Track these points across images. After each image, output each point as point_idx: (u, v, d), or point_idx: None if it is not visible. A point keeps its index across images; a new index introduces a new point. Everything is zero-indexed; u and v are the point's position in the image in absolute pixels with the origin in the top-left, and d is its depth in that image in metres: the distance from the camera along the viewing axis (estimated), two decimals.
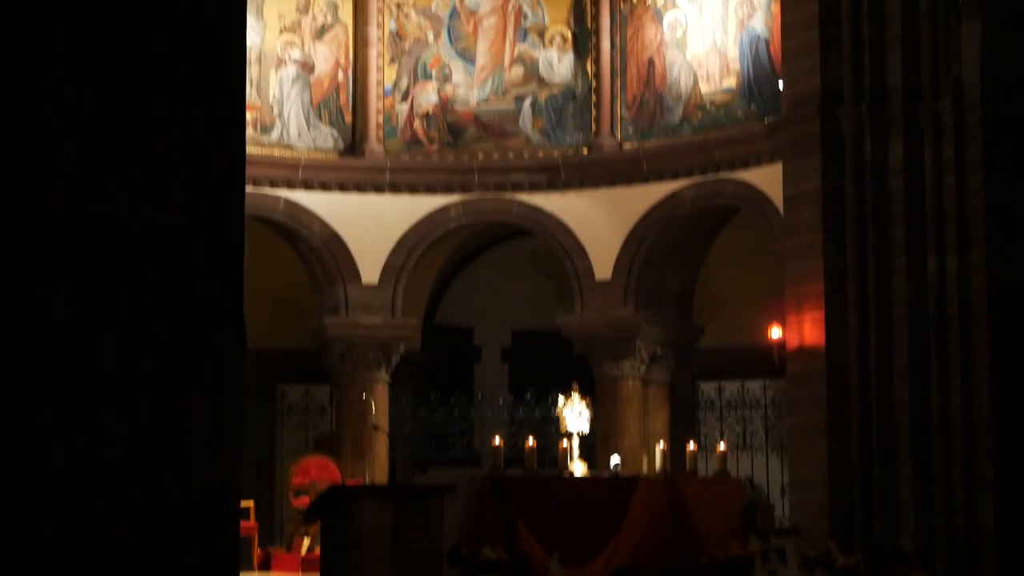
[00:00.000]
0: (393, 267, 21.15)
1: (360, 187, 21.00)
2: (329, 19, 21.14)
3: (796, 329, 17.10)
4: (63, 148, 3.87)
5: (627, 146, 20.80)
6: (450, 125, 21.29)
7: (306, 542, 18.85)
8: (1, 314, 3.80)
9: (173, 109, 4.08)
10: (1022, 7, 16.34)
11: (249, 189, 18.88)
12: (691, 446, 16.69)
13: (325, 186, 20.92)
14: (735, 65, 19.92)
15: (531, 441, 15.76)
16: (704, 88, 20.22)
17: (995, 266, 16.23)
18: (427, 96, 21.26)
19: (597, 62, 20.93)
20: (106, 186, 3.97)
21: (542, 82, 21.20)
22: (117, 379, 4.05)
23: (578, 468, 15.91)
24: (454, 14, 21.38)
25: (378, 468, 20.08)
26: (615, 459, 17.25)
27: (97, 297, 3.96)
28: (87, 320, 3.95)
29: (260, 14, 20.71)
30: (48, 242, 3.88)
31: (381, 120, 21.16)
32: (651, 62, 20.68)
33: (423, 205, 21.15)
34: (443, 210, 21.24)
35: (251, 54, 20.31)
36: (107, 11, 3.99)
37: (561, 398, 16.57)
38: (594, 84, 20.95)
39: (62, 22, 3.87)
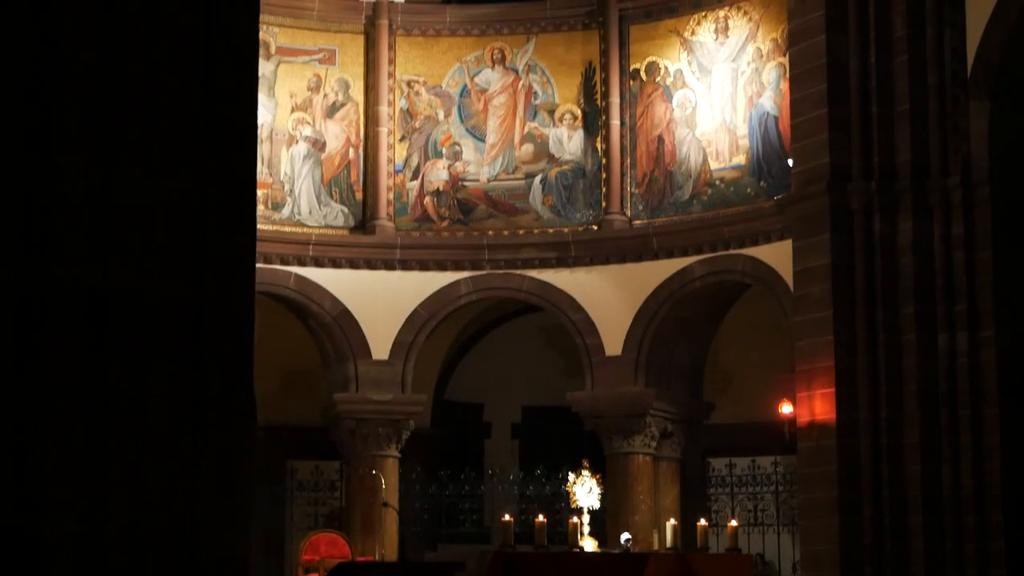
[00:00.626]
0: (403, 343, 21.15)
1: (370, 264, 21.04)
2: (340, 97, 21.27)
3: (807, 405, 17.08)
4: (74, 221, 3.91)
5: (637, 223, 20.84)
6: (460, 202, 21.36)
7: None
8: (11, 388, 3.82)
9: (184, 185, 4.12)
10: None
11: (260, 265, 18.95)
12: (702, 522, 16.64)
13: (335, 263, 20.97)
14: (744, 142, 19.99)
15: (541, 517, 15.72)
16: (714, 165, 20.29)
17: (1005, 342, 16.22)
18: (437, 173, 21.35)
19: (607, 139, 21.01)
20: (116, 260, 4.00)
21: (552, 159, 21.27)
22: (126, 452, 4.07)
23: (588, 544, 15.86)
24: (465, 92, 21.50)
25: (388, 544, 20.01)
26: (625, 536, 17.20)
27: (106, 370, 3.98)
28: (96, 393, 3.97)
29: (272, 92, 20.84)
30: (58, 315, 3.90)
31: (392, 197, 21.23)
32: (661, 139, 20.76)
33: (433, 281, 21.18)
34: (453, 286, 21.27)
35: (262, 131, 20.43)
36: (120, 88, 4.03)
37: (571, 474, 16.53)
38: (604, 161, 21.02)
39: (76, 98, 3.91)
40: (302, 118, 21.09)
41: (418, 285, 21.18)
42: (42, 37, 3.84)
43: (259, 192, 20.16)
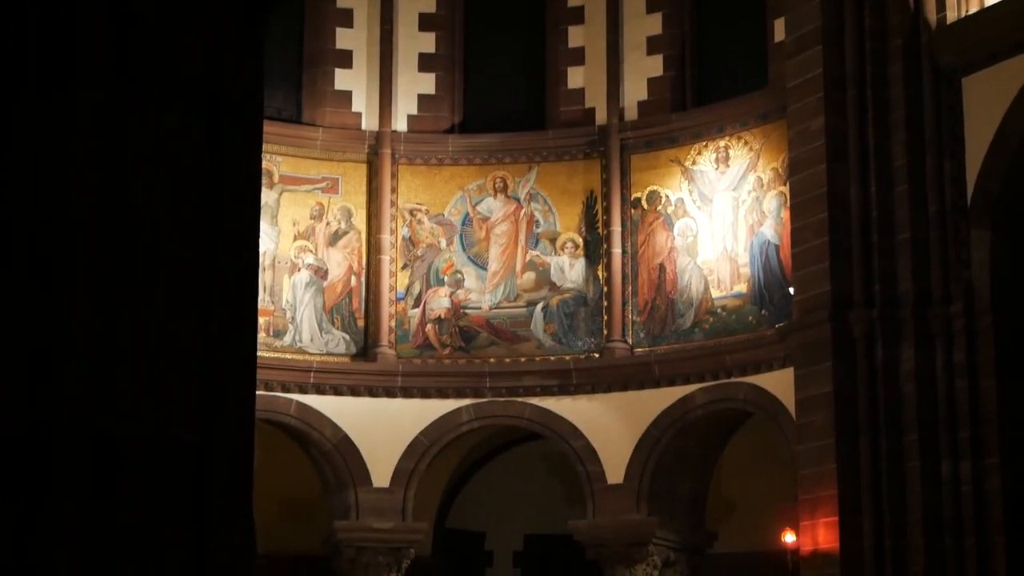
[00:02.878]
0: (404, 471, 21.06)
1: (372, 391, 21.01)
2: (343, 225, 21.36)
3: (810, 534, 16.97)
4: (78, 362, 3.90)
5: (639, 351, 20.83)
6: (462, 330, 21.37)
7: None
8: (17, 528, 3.80)
9: (188, 325, 4.12)
10: None
11: (261, 392, 18.92)
12: None
13: (337, 390, 20.94)
14: (746, 270, 20.04)
15: None
16: (715, 293, 20.32)
17: (1009, 470, 16.16)
18: (439, 301, 21.38)
19: (608, 267, 21.07)
20: (119, 400, 3.99)
21: (554, 287, 21.32)
22: None
23: None
24: (467, 220, 21.60)
25: None
26: None
27: (111, 511, 3.96)
28: (101, 533, 3.94)
29: (275, 220, 20.93)
30: (63, 456, 3.89)
31: (393, 325, 21.25)
32: (662, 267, 20.82)
33: (435, 409, 21.13)
34: (455, 414, 21.21)
35: (265, 259, 20.49)
36: (125, 226, 4.04)
37: None
38: (606, 289, 21.06)
39: (82, 237, 3.92)
40: (305, 246, 21.16)
41: (419, 412, 21.12)
42: (48, 180, 3.86)
43: (261, 319, 20.16)
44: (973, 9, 17.23)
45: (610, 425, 20.81)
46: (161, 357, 4.06)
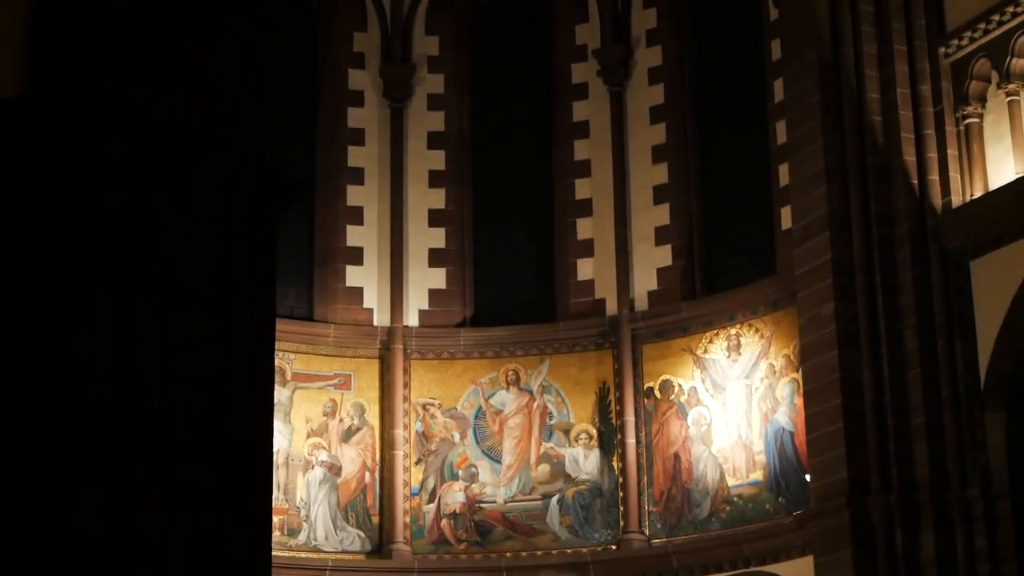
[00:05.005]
0: None
1: None
2: (356, 422, 21.33)
3: None
4: (95, 561, 3.88)
5: (656, 542, 20.65)
6: (477, 524, 21.22)
7: None
8: None
9: (201, 520, 4.10)
10: None
11: None
12: None
13: None
14: (761, 458, 19.95)
15: None
16: (731, 481, 20.21)
17: None
18: (454, 495, 21.26)
19: (623, 458, 20.98)
20: None
21: (569, 479, 21.21)
22: None
23: None
24: (480, 414, 21.57)
25: None
26: None
27: None
28: None
29: (287, 418, 20.90)
30: None
31: (408, 520, 21.10)
32: (677, 457, 20.72)
33: None
34: None
35: (278, 457, 20.42)
36: (139, 423, 4.05)
37: None
38: (621, 480, 20.95)
39: (96, 435, 3.92)
40: (318, 443, 21.12)
41: None
42: (60, 373, 3.87)
43: (275, 519, 20.04)
44: (978, 193, 17.38)
45: None
46: (176, 556, 4.04)
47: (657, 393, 21.04)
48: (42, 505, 3.93)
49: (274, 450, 18.97)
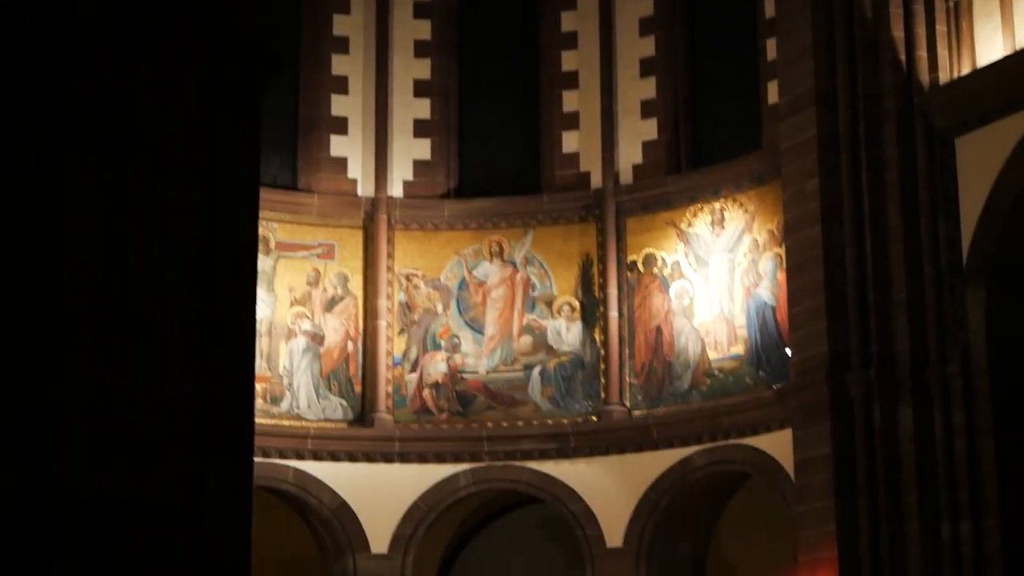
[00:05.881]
0: (403, 537, 20.99)
1: (369, 457, 20.97)
2: (339, 291, 21.38)
3: None
4: (76, 428, 3.91)
5: (636, 413, 20.81)
6: (459, 394, 21.36)
7: None
8: None
9: (185, 388, 4.13)
10: None
11: (258, 459, 18.87)
12: None
13: (334, 456, 20.89)
14: (743, 332, 20.06)
15: None
16: (712, 355, 20.33)
17: (1009, 531, 16.11)
18: (436, 366, 21.37)
19: (605, 331, 21.08)
20: (117, 465, 3.99)
21: (551, 351, 21.32)
22: None
23: None
24: (463, 285, 21.62)
25: None
26: None
27: (106, 570, 3.96)
28: None
29: (271, 287, 20.94)
30: (61, 519, 3.89)
31: (390, 390, 21.23)
32: (659, 330, 20.83)
33: (432, 474, 21.09)
34: (452, 479, 21.16)
35: (261, 326, 20.49)
36: (124, 290, 4.06)
37: None
38: (602, 352, 21.06)
39: (80, 308, 3.93)
40: (301, 312, 21.17)
41: (417, 478, 21.07)
42: (44, 247, 3.87)
43: (258, 386, 20.16)
44: (965, 70, 17.33)
45: (608, 488, 20.76)
46: (159, 423, 4.07)
47: (640, 266, 21.10)
48: (22, 378, 3.95)
49: (257, 319, 19.05)
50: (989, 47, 17.21)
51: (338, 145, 21.93)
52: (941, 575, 16.29)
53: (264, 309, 20.54)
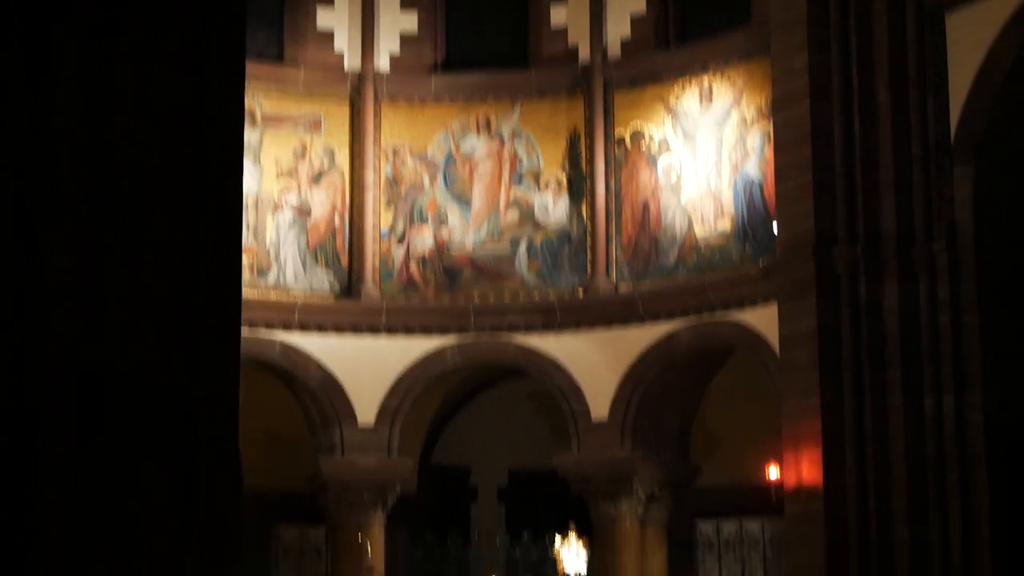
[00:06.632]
0: (389, 409, 21.14)
1: (356, 329, 21.05)
2: (326, 164, 21.34)
3: (794, 468, 17.07)
4: (63, 303, 3.92)
5: (622, 288, 20.88)
6: (446, 268, 21.40)
7: None
8: (4, 466, 3.82)
9: (171, 266, 4.14)
10: (1012, 151, 16.52)
11: (245, 332, 18.95)
12: None
13: (321, 328, 20.97)
14: (729, 208, 20.07)
15: None
16: (699, 231, 20.36)
17: (992, 405, 16.24)
18: (423, 239, 21.40)
19: (592, 205, 21.09)
20: (104, 341, 4.00)
21: (537, 225, 21.34)
22: (116, 527, 4.06)
23: None
24: (450, 159, 21.59)
25: None
26: None
27: (97, 450, 3.99)
28: (84, 468, 3.97)
29: (257, 160, 20.90)
30: (48, 396, 3.91)
31: (377, 263, 21.27)
32: (646, 205, 20.84)
33: (419, 347, 21.19)
34: (439, 352, 21.27)
35: (248, 199, 20.47)
36: (111, 161, 4.06)
37: (558, 538, 16.50)
38: (589, 227, 21.09)
39: (66, 183, 3.93)
40: (288, 185, 21.15)
41: (404, 350, 21.18)
42: (29, 124, 3.86)
43: (244, 259, 20.19)
44: None
45: (594, 361, 20.88)
46: (145, 295, 4.08)
47: (628, 141, 21.06)
48: (9, 249, 3.95)
49: (244, 191, 19.04)
50: None
51: (324, 18, 21.78)
52: (924, 448, 16.45)
53: (250, 182, 20.51)
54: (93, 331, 4.00)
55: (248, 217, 20.48)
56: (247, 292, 18.78)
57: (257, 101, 20.86)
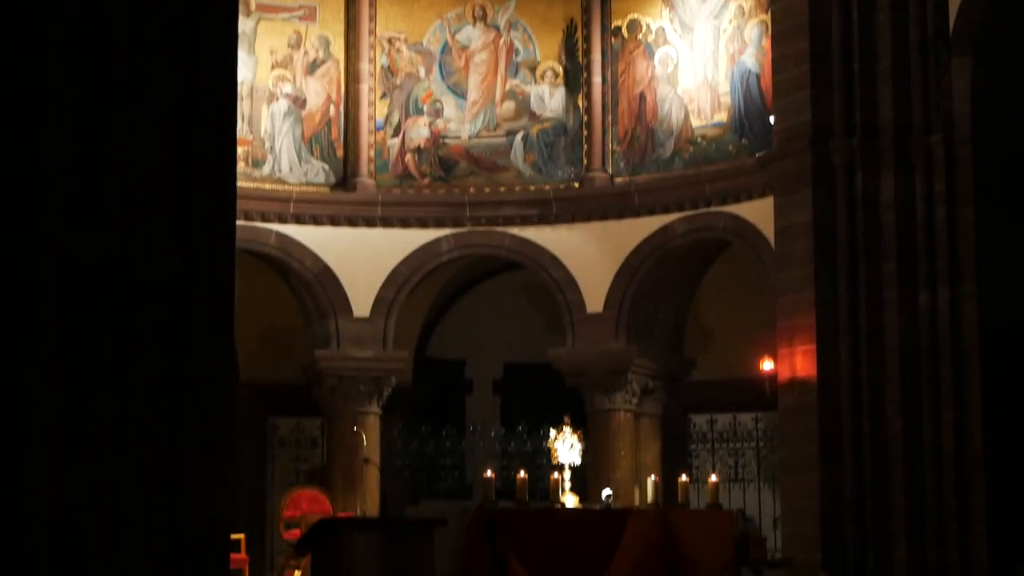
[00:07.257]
0: (384, 300, 21.14)
1: (351, 221, 21.01)
2: (321, 54, 21.18)
3: (788, 362, 17.13)
4: (55, 190, 3.90)
5: (618, 180, 20.83)
6: (441, 159, 21.32)
7: (297, 575, 18.82)
8: None
9: (165, 156, 4.11)
10: (1011, 43, 16.41)
11: (240, 223, 18.91)
12: (683, 478, 16.67)
13: (316, 220, 20.93)
14: (726, 100, 19.97)
15: (523, 473, 15.75)
16: (695, 123, 20.27)
17: (986, 298, 16.28)
18: (418, 131, 21.30)
19: (588, 97, 20.98)
20: (98, 229, 3.99)
21: (533, 117, 21.24)
22: (109, 415, 4.06)
23: (570, 500, 15.89)
24: (445, 49, 21.44)
25: (369, 501, 20.04)
26: (607, 492, 17.24)
27: (90, 337, 3.98)
28: (79, 358, 3.97)
29: (252, 49, 20.74)
30: (42, 282, 3.89)
31: (373, 154, 21.18)
32: (642, 97, 20.73)
33: (414, 239, 21.16)
34: (434, 244, 21.24)
35: (242, 89, 20.33)
36: (102, 61, 4.02)
37: (552, 431, 16.54)
38: (585, 119, 21.00)
39: (58, 71, 3.89)
40: (282, 75, 21.00)
41: (399, 242, 21.15)
42: (22, 9, 3.82)
43: (239, 149, 20.10)
44: None
45: (590, 254, 20.86)
46: (140, 186, 4.06)
47: (624, 32, 20.91)
48: (5, 140, 3.93)
49: (238, 81, 18.90)
50: None
51: None
52: (918, 342, 16.49)
53: (245, 71, 20.35)
54: (85, 220, 3.98)
55: (242, 108, 20.37)
56: (241, 183, 18.71)
57: None
